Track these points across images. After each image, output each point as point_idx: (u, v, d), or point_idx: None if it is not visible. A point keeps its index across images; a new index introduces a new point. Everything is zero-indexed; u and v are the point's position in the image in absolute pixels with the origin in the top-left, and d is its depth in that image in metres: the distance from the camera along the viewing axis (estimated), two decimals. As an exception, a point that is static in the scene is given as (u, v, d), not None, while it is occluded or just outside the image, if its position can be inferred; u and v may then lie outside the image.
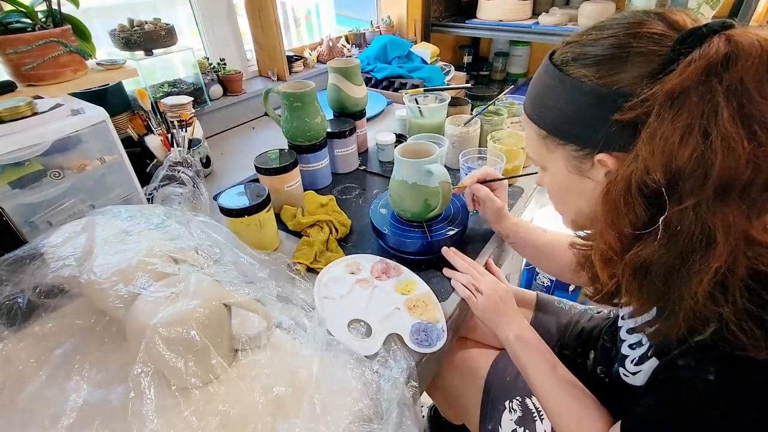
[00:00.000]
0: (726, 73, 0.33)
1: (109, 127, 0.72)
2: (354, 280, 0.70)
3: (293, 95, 0.89)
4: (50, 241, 0.55)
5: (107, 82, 0.94)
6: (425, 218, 0.76)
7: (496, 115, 1.07)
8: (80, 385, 0.49)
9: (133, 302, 0.50)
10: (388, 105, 1.47)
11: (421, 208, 0.74)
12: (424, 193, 0.73)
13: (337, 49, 1.67)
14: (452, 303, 0.68)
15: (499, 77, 2.48)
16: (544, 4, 2.06)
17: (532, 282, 1.56)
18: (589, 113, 0.42)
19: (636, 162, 0.38)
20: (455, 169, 1.01)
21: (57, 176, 0.70)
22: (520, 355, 0.61)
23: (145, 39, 1.04)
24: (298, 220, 0.82)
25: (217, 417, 0.46)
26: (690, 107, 0.35)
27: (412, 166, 0.71)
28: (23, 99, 0.65)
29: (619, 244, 0.42)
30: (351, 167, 1.07)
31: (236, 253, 0.62)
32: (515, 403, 0.67)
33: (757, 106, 0.33)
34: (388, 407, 0.50)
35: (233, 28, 1.41)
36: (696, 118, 0.34)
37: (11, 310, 0.52)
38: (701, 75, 0.34)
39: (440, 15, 2.16)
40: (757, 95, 0.33)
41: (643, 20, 0.40)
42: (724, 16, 0.44)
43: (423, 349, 0.60)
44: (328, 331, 0.59)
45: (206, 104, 1.25)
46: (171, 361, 0.46)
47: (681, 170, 0.36)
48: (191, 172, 0.82)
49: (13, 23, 0.77)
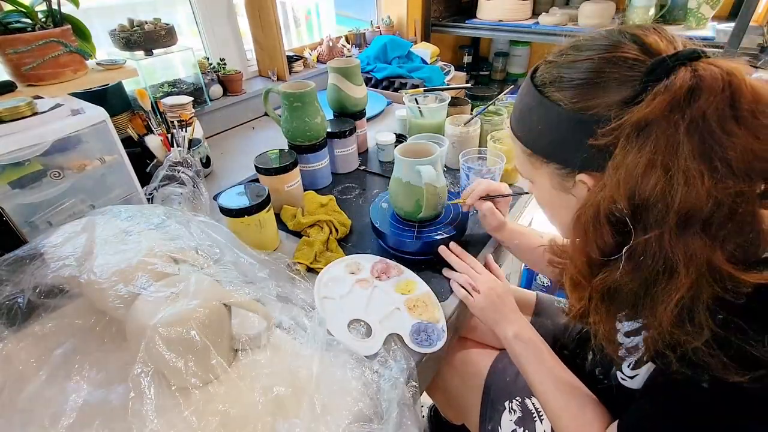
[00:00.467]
0: (689, 108, 0.34)
1: (109, 127, 0.72)
2: (354, 280, 0.70)
3: (293, 95, 0.89)
4: (50, 241, 0.55)
5: (107, 82, 0.94)
6: (416, 218, 0.76)
7: (496, 115, 1.07)
8: (80, 385, 0.49)
9: (133, 302, 0.50)
10: (388, 105, 1.47)
11: (413, 207, 0.74)
12: (416, 193, 0.73)
13: (337, 49, 1.67)
14: (452, 303, 0.68)
15: (499, 77, 2.48)
16: (544, 4, 2.06)
17: (532, 282, 1.56)
18: (567, 136, 0.43)
19: (603, 191, 0.39)
20: (455, 169, 1.01)
21: (57, 176, 0.70)
22: (519, 354, 0.61)
23: (145, 39, 1.04)
24: (298, 220, 0.82)
25: (217, 417, 0.46)
26: (654, 140, 0.35)
27: (406, 165, 0.72)
28: (23, 99, 0.65)
29: (587, 269, 0.43)
30: (351, 167, 1.07)
31: (236, 253, 0.62)
32: (515, 403, 0.67)
33: (719, 141, 0.33)
34: (388, 407, 0.50)
35: (233, 28, 1.41)
36: (659, 152, 0.35)
37: (11, 310, 0.52)
38: (665, 109, 0.34)
39: (440, 15, 2.16)
40: (718, 130, 0.33)
41: (618, 43, 0.40)
42: (724, 17, 0.45)
43: (423, 349, 0.60)
44: (328, 331, 0.59)
45: (206, 104, 1.25)
46: (171, 361, 0.46)
47: (644, 202, 0.36)
48: (191, 172, 0.82)
49: (13, 23, 0.77)
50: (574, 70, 0.42)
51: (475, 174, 0.86)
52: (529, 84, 0.46)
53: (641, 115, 0.35)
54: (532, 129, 0.47)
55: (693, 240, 0.35)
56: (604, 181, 0.39)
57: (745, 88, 0.34)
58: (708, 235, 0.34)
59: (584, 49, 0.42)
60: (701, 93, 0.34)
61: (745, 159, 0.33)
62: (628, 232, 0.38)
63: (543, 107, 0.44)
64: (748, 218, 0.35)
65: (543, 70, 0.46)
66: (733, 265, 0.34)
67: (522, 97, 0.48)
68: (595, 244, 0.41)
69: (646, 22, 1.73)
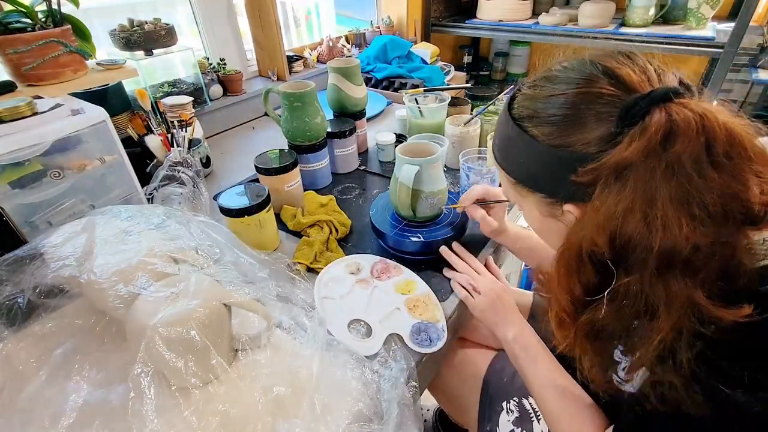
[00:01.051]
0: (664, 153, 0.34)
1: (109, 127, 0.72)
2: (354, 280, 0.70)
3: (293, 95, 0.89)
4: (50, 241, 0.55)
5: (107, 82, 0.94)
6: (410, 218, 0.77)
7: (496, 115, 1.07)
8: (80, 385, 0.49)
9: (133, 302, 0.50)
10: (388, 105, 1.47)
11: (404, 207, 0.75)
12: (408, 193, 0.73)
13: (337, 49, 1.67)
14: (452, 303, 0.68)
15: (499, 77, 2.48)
16: (544, 4, 2.06)
17: (532, 282, 1.56)
18: (549, 171, 0.43)
19: (584, 230, 0.39)
20: (455, 169, 1.01)
21: (57, 176, 0.70)
22: (518, 356, 0.61)
23: (145, 39, 1.04)
24: (298, 220, 0.82)
25: (217, 417, 0.46)
26: (632, 185, 0.35)
27: (399, 163, 0.73)
28: (23, 99, 0.65)
29: (572, 307, 0.43)
30: (351, 167, 1.07)
31: (236, 253, 0.62)
32: (512, 403, 0.67)
33: (695, 185, 0.33)
34: (388, 407, 0.50)
35: (233, 28, 1.41)
36: (637, 197, 0.35)
37: (11, 310, 0.52)
38: (642, 154, 0.34)
39: (440, 15, 2.16)
40: (695, 175, 0.33)
41: (591, 77, 0.40)
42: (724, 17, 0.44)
43: (423, 349, 0.60)
44: (328, 331, 0.59)
45: (206, 104, 1.25)
46: (171, 361, 0.46)
47: (625, 244, 0.36)
48: (191, 172, 0.82)
49: (13, 23, 0.77)
50: (550, 106, 0.42)
51: (475, 174, 0.86)
52: (507, 116, 0.46)
53: (619, 159, 0.35)
54: (515, 160, 0.46)
55: (674, 281, 0.35)
56: (585, 221, 0.39)
57: (718, 130, 0.34)
58: (688, 276, 0.35)
59: (558, 82, 0.42)
60: (676, 138, 0.34)
61: (723, 202, 0.34)
62: (611, 272, 0.38)
63: (522, 141, 0.44)
64: (726, 257, 0.35)
65: (519, 102, 0.45)
66: (712, 301, 0.34)
67: (502, 127, 0.48)
68: (579, 281, 0.41)
69: (646, 22, 1.73)
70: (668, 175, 0.34)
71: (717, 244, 0.34)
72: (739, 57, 1.57)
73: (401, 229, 0.76)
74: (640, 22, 1.74)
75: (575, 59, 0.43)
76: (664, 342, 0.36)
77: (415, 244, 0.73)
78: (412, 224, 0.77)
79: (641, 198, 0.35)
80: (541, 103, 0.43)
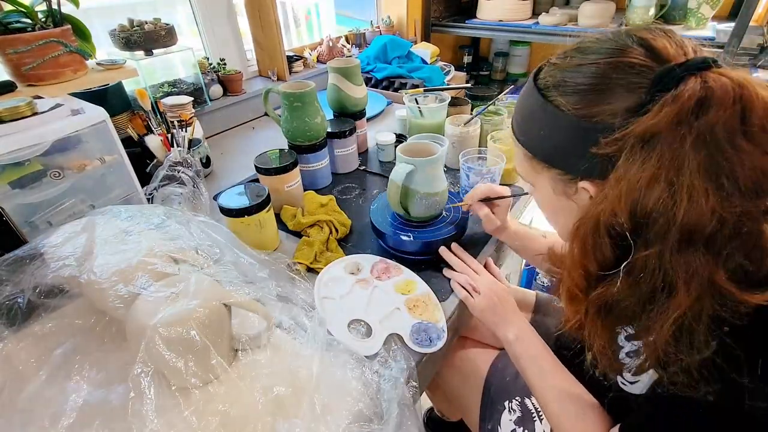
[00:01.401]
0: (697, 122, 0.33)
1: (109, 127, 0.72)
2: (354, 280, 0.70)
3: (293, 95, 0.89)
4: (50, 241, 0.55)
5: (107, 82, 0.94)
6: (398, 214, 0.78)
7: (496, 115, 1.07)
8: (80, 385, 0.49)
9: (133, 302, 0.50)
10: (388, 105, 1.47)
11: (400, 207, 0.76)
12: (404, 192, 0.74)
13: (337, 49, 1.67)
14: (452, 303, 0.68)
15: (499, 77, 2.48)
16: (544, 4, 2.06)
17: (532, 282, 1.56)
18: (570, 143, 0.42)
19: (604, 203, 0.38)
20: (455, 169, 1.01)
21: (57, 176, 0.70)
22: (519, 356, 0.61)
23: (145, 39, 1.04)
24: (298, 220, 0.82)
25: (217, 417, 0.46)
26: (659, 153, 0.34)
27: (398, 162, 0.73)
28: (23, 99, 0.65)
29: (584, 282, 0.42)
30: (351, 167, 1.07)
31: (236, 253, 0.62)
32: (514, 403, 0.67)
33: (727, 156, 0.32)
34: (388, 407, 0.50)
35: (233, 28, 1.41)
36: (663, 166, 0.34)
37: (11, 310, 0.52)
38: (672, 121, 0.33)
39: (440, 15, 2.16)
40: (727, 145, 0.32)
41: (625, 47, 0.39)
42: (724, 17, 0.44)
43: (423, 349, 0.60)
44: (328, 331, 0.59)
45: (206, 104, 1.25)
46: (171, 361, 0.46)
47: (646, 216, 0.35)
48: (191, 172, 0.82)
49: (13, 23, 0.77)
50: (579, 75, 0.40)
51: (475, 174, 0.86)
52: (532, 86, 0.45)
53: (647, 127, 0.34)
54: (535, 133, 0.45)
55: (695, 257, 0.34)
56: (606, 192, 0.38)
57: (756, 101, 0.32)
58: (710, 253, 0.33)
59: (589, 53, 0.41)
60: (711, 106, 0.32)
61: (754, 176, 0.32)
62: (628, 247, 0.37)
63: (545, 112, 0.43)
64: (752, 236, 0.34)
65: (546, 72, 0.44)
66: (734, 284, 0.33)
67: (524, 99, 0.47)
68: (594, 257, 0.40)
69: (646, 22, 1.73)
70: (699, 145, 0.32)
71: (743, 222, 0.33)
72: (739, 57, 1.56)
73: (401, 229, 0.76)
74: (640, 22, 1.74)
75: (611, 31, 0.42)
76: (682, 320, 0.34)
77: (414, 244, 0.73)
78: (411, 224, 0.77)
79: (668, 167, 0.33)
80: (570, 72, 0.41)
